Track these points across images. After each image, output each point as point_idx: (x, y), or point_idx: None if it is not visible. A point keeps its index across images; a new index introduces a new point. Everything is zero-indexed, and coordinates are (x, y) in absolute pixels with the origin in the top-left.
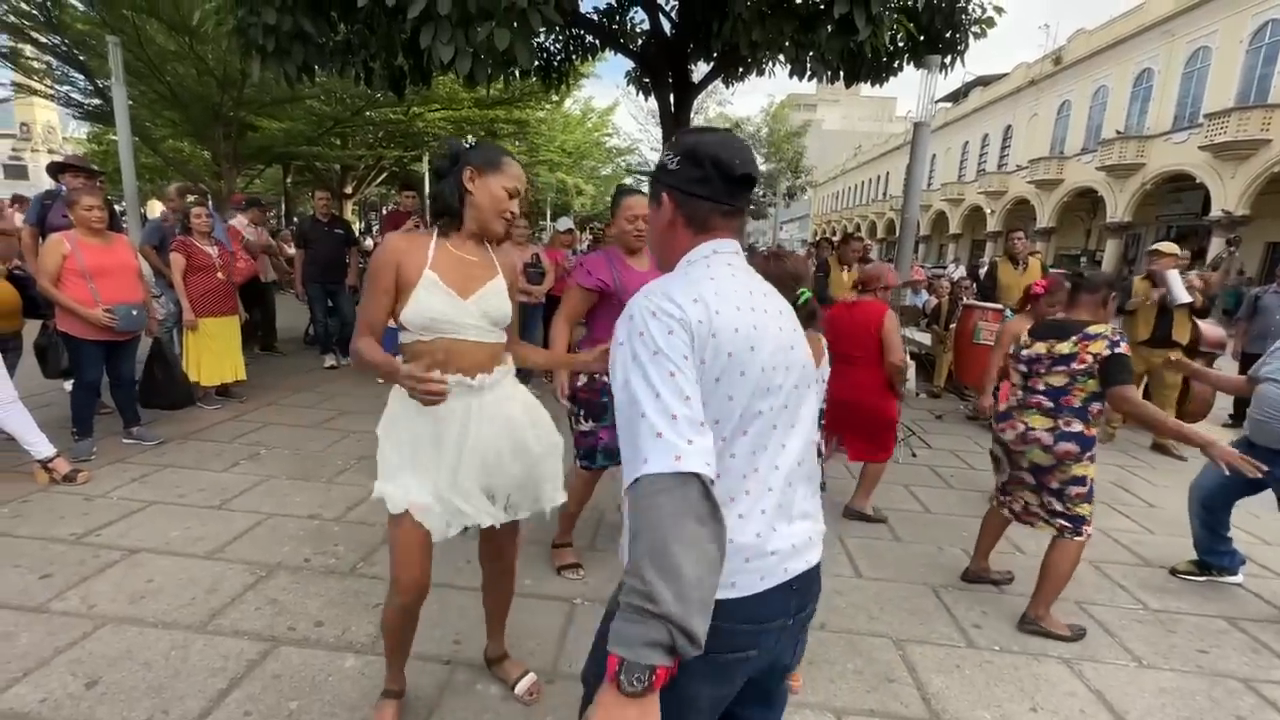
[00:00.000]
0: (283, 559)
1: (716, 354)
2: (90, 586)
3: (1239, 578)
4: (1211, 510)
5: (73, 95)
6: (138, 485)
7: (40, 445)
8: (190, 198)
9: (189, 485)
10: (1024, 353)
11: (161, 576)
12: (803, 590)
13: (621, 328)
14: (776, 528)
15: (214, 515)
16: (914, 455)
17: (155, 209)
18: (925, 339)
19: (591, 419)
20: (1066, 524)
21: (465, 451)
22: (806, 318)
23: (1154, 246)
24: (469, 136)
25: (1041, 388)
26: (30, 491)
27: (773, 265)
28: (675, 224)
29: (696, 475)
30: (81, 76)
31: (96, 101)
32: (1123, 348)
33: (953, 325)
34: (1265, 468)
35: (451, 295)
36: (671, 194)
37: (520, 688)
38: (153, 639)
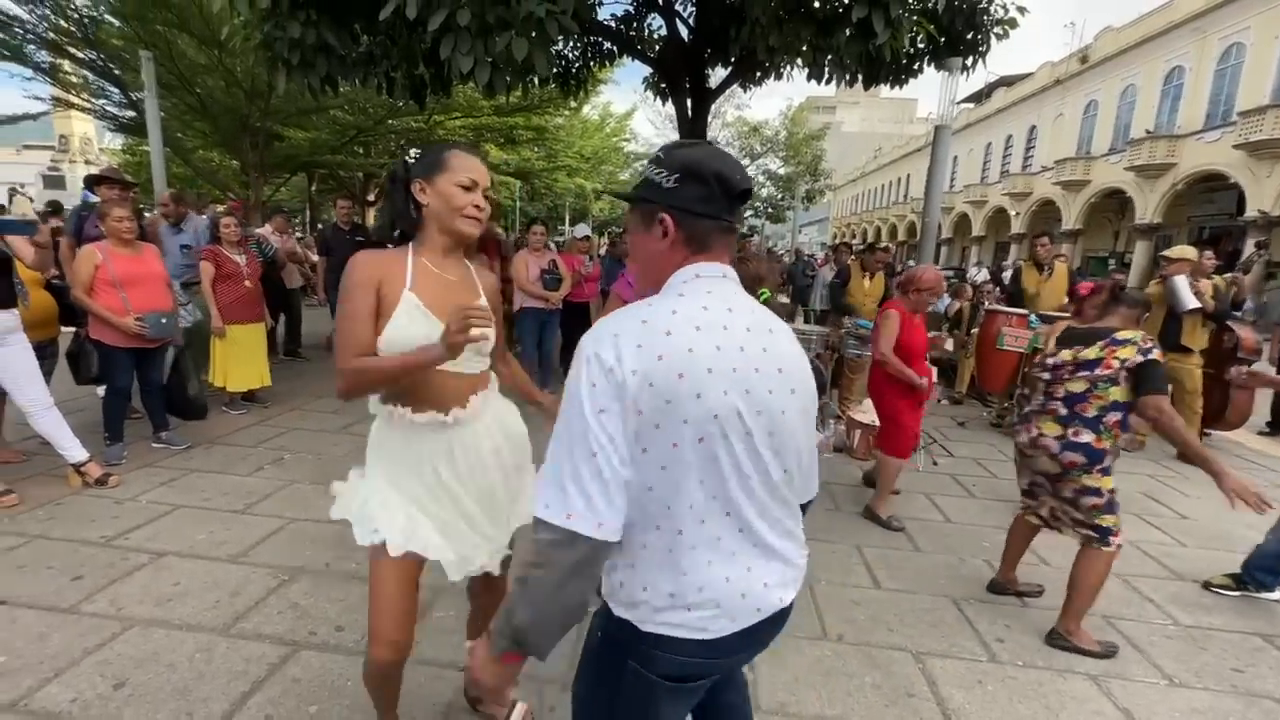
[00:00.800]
0: (304, 563)
1: (654, 402)
2: (119, 589)
3: (1277, 594)
4: None
5: (108, 108)
6: (165, 489)
7: (74, 449)
8: (220, 208)
9: (214, 489)
10: (1049, 359)
11: (187, 579)
12: (774, 625)
13: (575, 357)
14: (751, 568)
15: (238, 519)
16: (935, 464)
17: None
18: (948, 344)
19: None
20: (1092, 533)
21: (453, 494)
22: None
23: (1164, 252)
24: (412, 151)
25: (1060, 394)
26: (63, 495)
27: (738, 269)
28: (674, 246)
29: (581, 536)
30: (116, 90)
31: (130, 114)
32: (1155, 354)
33: (974, 330)
34: (1273, 505)
35: (433, 320)
36: (673, 214)
37: (515, 717)
38: (178, 641)
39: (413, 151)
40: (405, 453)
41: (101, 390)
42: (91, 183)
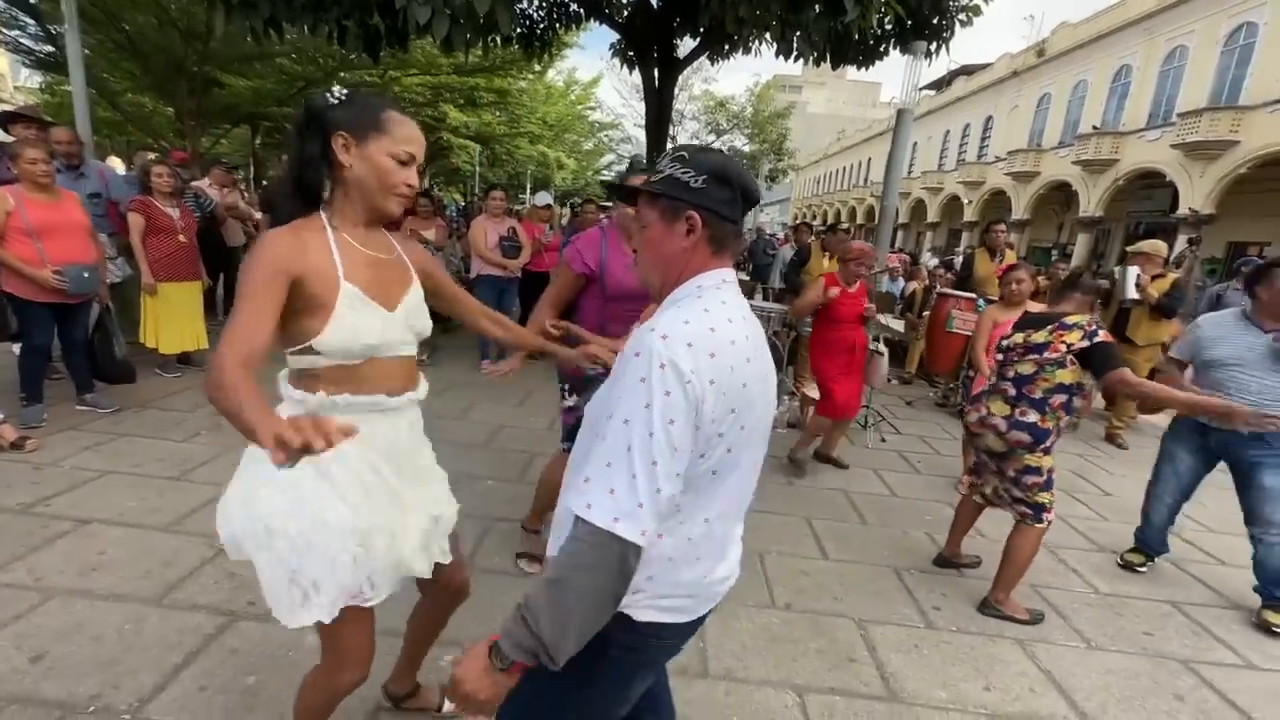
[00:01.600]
0: None
1: (722, 412)
2: (38, 558)
3: (1156, 561)
4: (1180, 501)
5: (22, 41)
6: (91, 454)
7: None
8: (150, 155)
9: (146, 455)
10: (1003, 342)
11: (115, 548)
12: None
13: (630, 361)
14: (727, 555)
15: (172, 486)
16: (883, 440)
17: (117, 168)
18: (899, 326)
19: (575, 393)
20: (1027, 510)
21: (405, 481)
22: None
23: (1137, 246)
24: (335, 88)
25: (1010, 374)
26: None
27: None
28: (698, 245)
29: (626, 542)
30: (32, 21)
31: (49, 49)
32: (1102, 336)
33: (926, 313)
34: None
35: (379, 311)
36: (702, 214)
37: (449, 707)
38: (104, 612)
39: (336, 90)
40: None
41: (17, 348)
42: (5, 121)
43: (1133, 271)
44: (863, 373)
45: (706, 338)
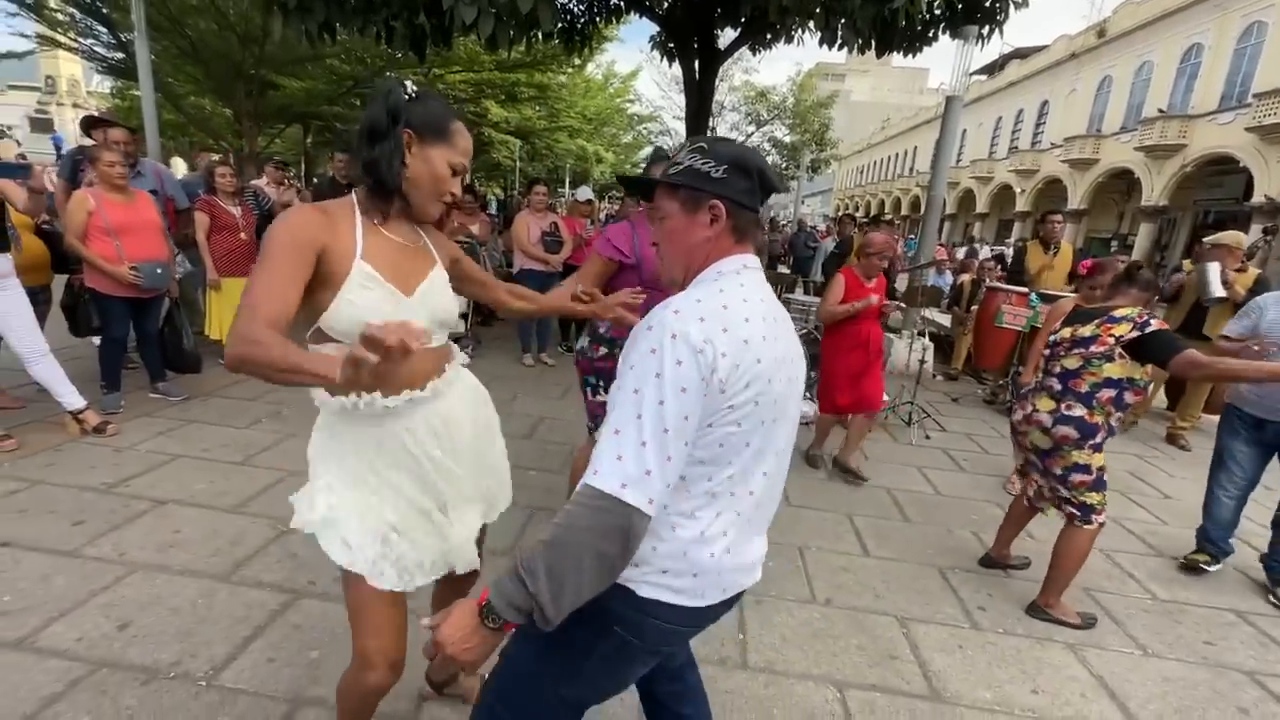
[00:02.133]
0: None
1: (736, 385)
2: (121, 534)
3: (1220, 565)
4: (1244, 497)
5: (96, 49)
6: (164, 439)
7: (71, 397)
8: (214, 156)
9: (213, 440)
10: (1051, 337)
11: (188, 527)
12: (736, 601)
13: (641, 333)
14: (752, 542)
15: (237, 470)
16: (928, 438)
17: (179, 168)
18: (945, 320)
19: (608, 387)
20: (1075, 511)
21: (438, 471)
22: None
23: (1216, 238)
24: (407, 82)
25: (1057, 370)
26: (62, 442)
27: None
28: (721, 235)
29: (631, 508)
30: (104, 29)
31: (119, 55)
32: (1155, 325)
33: (974, 307)
34: None
35: (393, 292)
36: (726, 203)
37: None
38: (180, 586)
39: (409, 85)
40: (382, 447)
41: (97, 340)
42: (89, 126)
43: (1215, 268)
44: (879, 370)
45: (719, 313)
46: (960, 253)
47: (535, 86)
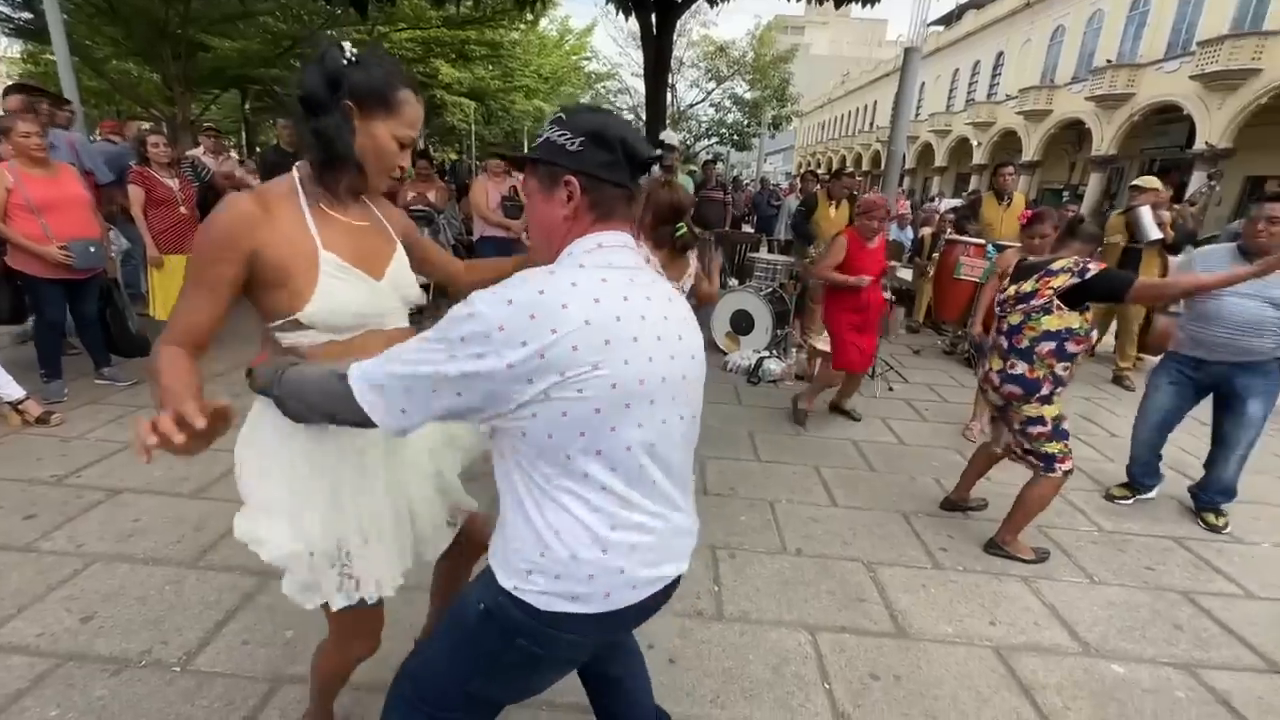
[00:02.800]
0: None
1: (544, 376)
2: (76, 526)
3: (1153, 494)
4: (1164, 434)
5: (0, 7)
6: (115, 426)
7: (8, 387)
8: (144, 125)
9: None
10: (999, 295)
11: (148, 516)
12: (657, 602)
13: (460, 306)
14: (652, 537)
15: (196, 456)
16: (890, 389)
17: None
18: (907, 274)
19: None
20: (1038, 461)
21: (404, 463)
22: (681, 249)
23: (1135, 182)
24: (345, 44)
25: (1005, 327)
26: (3, 434)
27: (661, 194)
28: (578, 212)
29: (371, 422)
30: None
31: (26, 15)
32: (1095, 268)
33: (933, 258)
34: None
35: (365, 279)
36: (580, 178)
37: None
38: (145, 575)
39: (348, 48)
40: (343, 452)
41: (17, 329)
42: (8, 94)
43: (1147, 211)
44: (878, 329)
45: (546, 305)
46: (906, 205)
47: (487, 44)
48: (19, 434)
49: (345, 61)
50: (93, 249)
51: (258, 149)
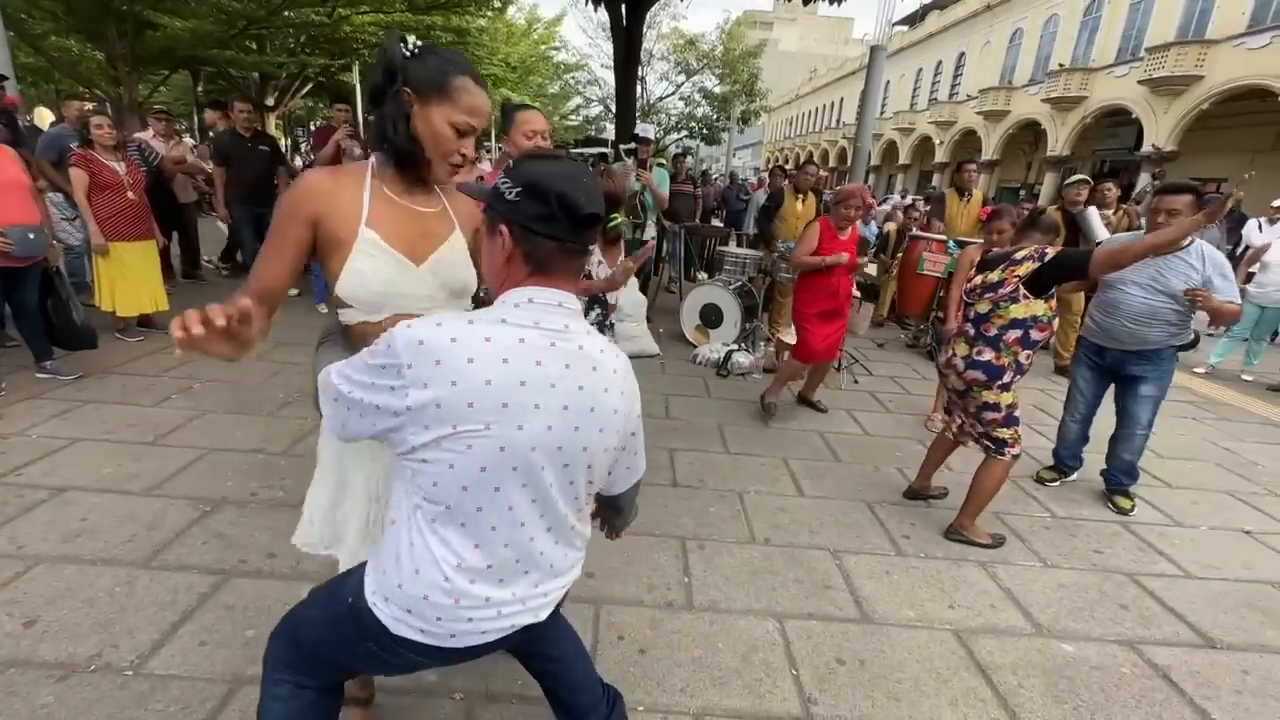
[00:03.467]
0: (227, 494)
1: (437, 422)
2: (16, 527)
3: (1075, 476)
4: (1088, 418)
5: None
6: (58, 422)
7: None
8: (87, 105)
9: (117, 421)
10: (966, 285)
11: (96, 515)
12: (527, 631)
13: (384, 334)
14: (510, 589)
15: (148, 451)
16: (856, 382)
17: (44, 118)
18: (872, 269)
19: None
20: (990, 445)
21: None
22: (612, 240)
23: (1071, 180)
24: (409, 37)
25: (971, 315)
26: None
27: (604, 183)
28: (513, 260)
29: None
30: None
31: None
32: (1053, 250)
33: (899, 255)
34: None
35: (400, 261)
36: (511, 228)
37: None
38: (93, 576)
39: (411, 41)
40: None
41: None
42: None
43: (1094, 212)
44: (846, 320)
45: (454, 354)
46: (887, 204)
47: (453, 31)
48: None
49: (406, 54)
50: (32, 235)
51: (210, 133)
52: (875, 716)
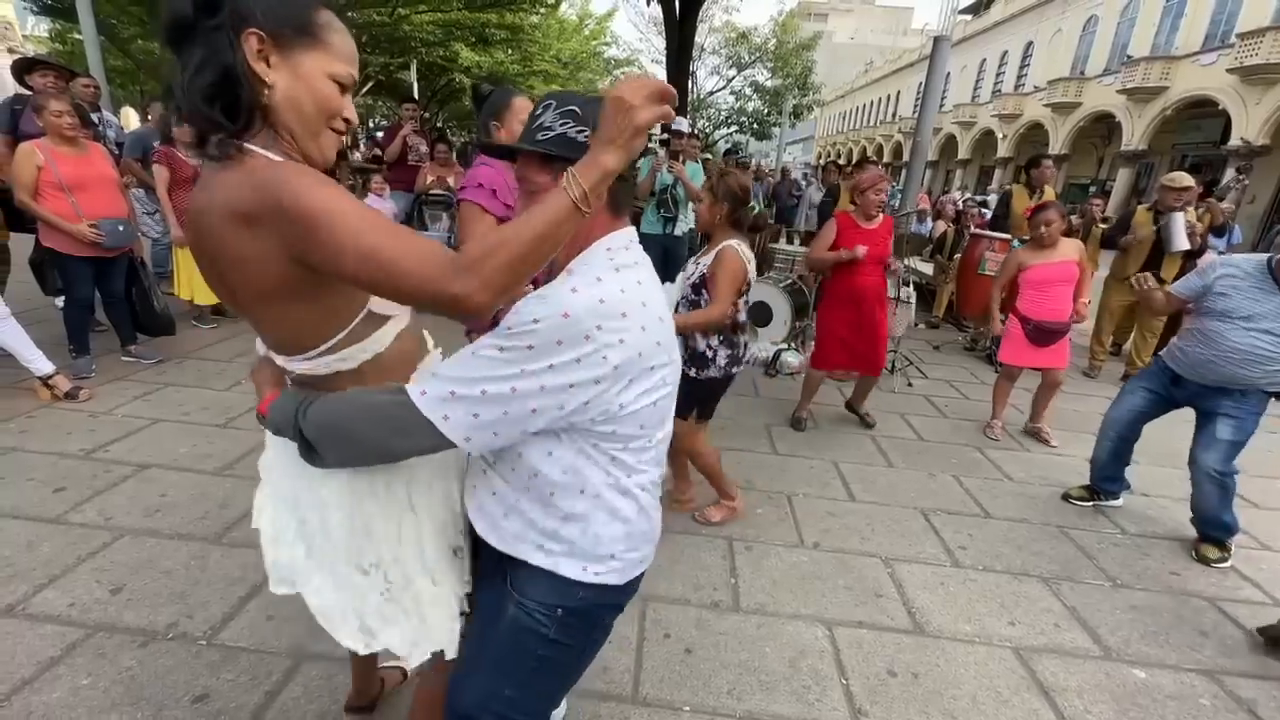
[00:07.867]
0: None
1: (620, 377)
2: (105, 500)
3: (1119, 501)
4: (1127, 439)
5: None
6: (141, 403)
7: (39, 362)
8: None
9: (192, 404)
10: None
11: (174, 491)
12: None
13: (557, 320)
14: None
15: (220, 433)
16: (910, 385)
17: (130, 118)
18: (928, 269)
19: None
20: None
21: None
22: (753, 228)
23: (1166, 179)
24: None
25: None
26: (34, 408)
27: (730, 181)
28: (599, 210)
29: (441, 436)
30: None
31: None
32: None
33: (957, 255)
34: None
35: None
36: None
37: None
38: (171, 549)
39: None
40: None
41: (60, 302)
42: (21, 70)
43: (1179, 219)
44: (879, 324)
45: (620, 292)
46: (926, 200)
47: (507, 28)
48: (49, 408)
49: None
50: (121, 227)
51: None
52: None
